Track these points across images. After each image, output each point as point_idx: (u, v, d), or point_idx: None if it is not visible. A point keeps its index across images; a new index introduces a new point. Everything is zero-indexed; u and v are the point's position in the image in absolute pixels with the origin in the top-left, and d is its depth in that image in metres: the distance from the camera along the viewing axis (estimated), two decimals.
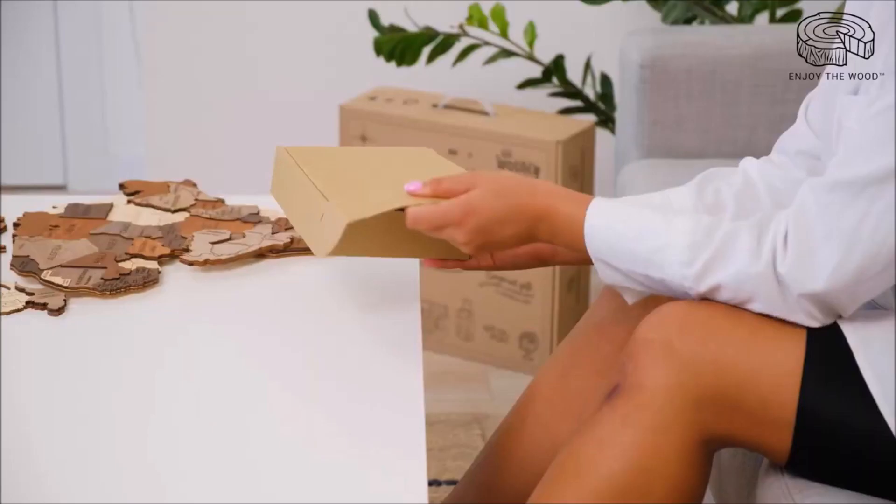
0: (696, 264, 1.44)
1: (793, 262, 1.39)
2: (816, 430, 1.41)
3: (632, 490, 1.41)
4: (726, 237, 1.43)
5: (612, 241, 1.49)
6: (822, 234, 1.38)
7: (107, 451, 1.38)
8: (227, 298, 1.68)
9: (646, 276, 1.47)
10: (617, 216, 1.50)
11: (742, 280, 1.42)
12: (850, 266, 1.37)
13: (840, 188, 1.38)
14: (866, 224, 1.37)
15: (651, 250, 1.46)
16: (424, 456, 1.36)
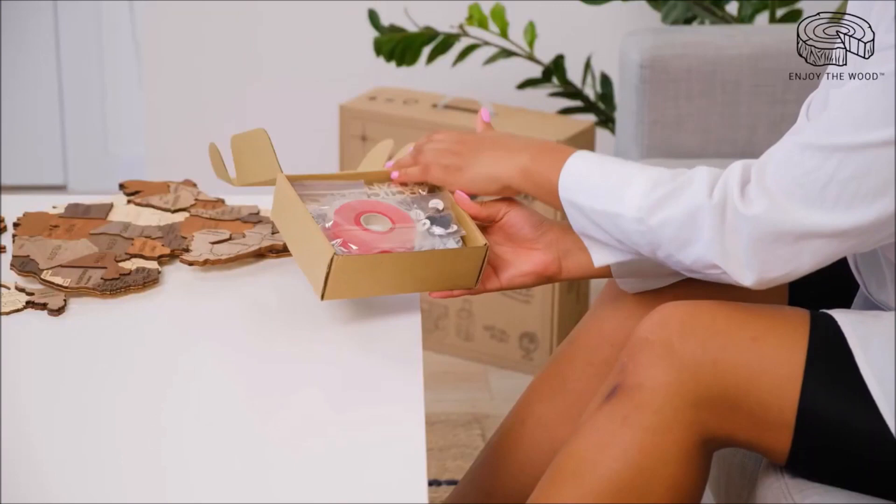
0: (654, 195, 1.46)
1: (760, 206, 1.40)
2: (816, 432, 1.41)
3: (631, 490, 1.41)
4: (688, 177, 1.46)
5: (583, 175, 1.53)
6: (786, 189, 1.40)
7: (107, 450, 1.38)
8: (227, 298, 1.68)
9: (604, 212, 1.49)
10: (598, 157, 1.55)
11: (689, 213, 1.44)
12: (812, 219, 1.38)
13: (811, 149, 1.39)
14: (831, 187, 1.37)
15: (615, 184, 1.49)
16: (424, 456, 1.36)
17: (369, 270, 1.56)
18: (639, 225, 1.47)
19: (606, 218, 1.49)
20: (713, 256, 1.43)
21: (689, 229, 1.44)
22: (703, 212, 1.43)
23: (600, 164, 1.54)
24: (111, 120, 3.53)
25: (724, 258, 1.43)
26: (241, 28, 3.16)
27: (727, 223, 1.42)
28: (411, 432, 1.40)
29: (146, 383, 1.49)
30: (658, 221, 1.45)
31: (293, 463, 1.35)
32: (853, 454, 1.41)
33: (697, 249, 1.44)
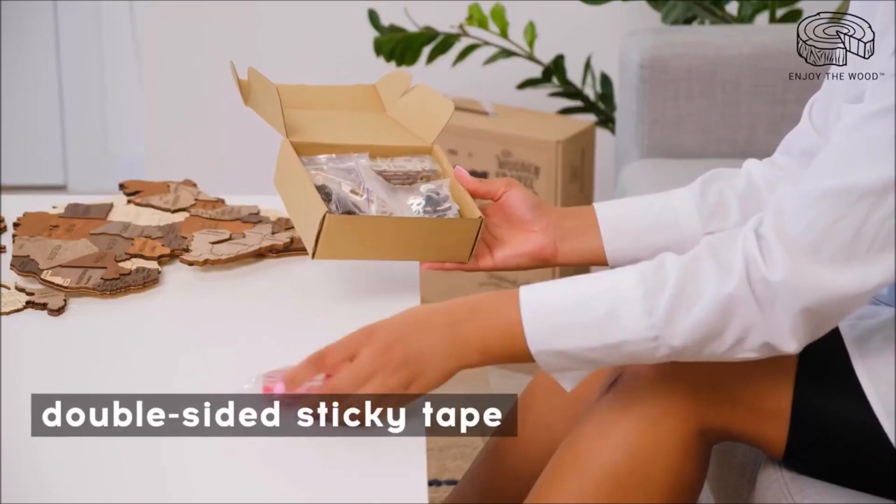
0: (659, 309, 1.34)
1: (785, 273, 1.31)
2: (811, 425, 1.41)
3: (630, 480, 1.41)
4: (681, 271, 1.34)
5: (555, 317, 1.36)
6: (812, 245, 1.31)
7: (107, 450, 1.38)
8: (227, 298, 1.68)
9: (603, 346, 1.35)
10: (553, 288, 1.38)
11: (716, 305, 1.32)
12: (846, 277, 1.31)
13: (832, 196, 1.31)
14: (865, 234, 1.31)
15: (604, 314, 1.35)
16: (424, 456, 1.36)
17: (361, 232, 1.57)
18: (655, 342, 1.34)
19: (607, 350, 1.36)
20: (756, 336, 1.33)
21: (721, 321, 1.33)
22: (733, 297, 1.32)
23: (560, 296, 1.37)
24: (111, 120, 3.53)
25: (768, 333, 1.33)
26: (241, 28, 3.16)
27: (760, 297, 1.32)
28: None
29: (146, 383, 1.48)
30: (681, 330, 1.34)
31: (293, 463, 1.35)
32: (849, 450, 1.41)
33: (733, 336, 1.34)
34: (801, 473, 1.46)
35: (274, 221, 1.84)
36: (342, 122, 1.75)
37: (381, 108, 1.80)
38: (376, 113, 1.79)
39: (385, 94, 1.80)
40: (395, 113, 1.77)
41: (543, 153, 2.64)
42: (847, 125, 1.34)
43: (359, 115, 1.78)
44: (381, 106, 1.80)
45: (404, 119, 1.76)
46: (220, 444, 1.38)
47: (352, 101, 1.80)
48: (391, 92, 1.79)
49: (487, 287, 2.75)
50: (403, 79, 1.78)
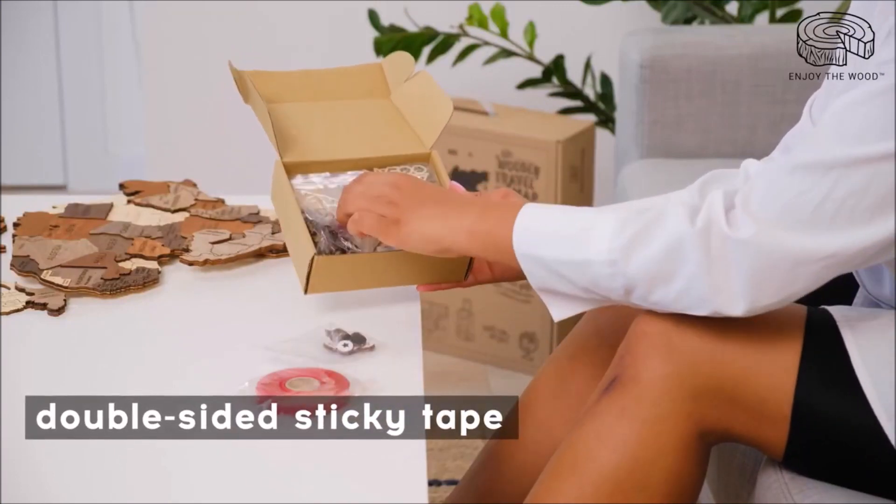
0: (624, 235, 1.38)
1: (742, 234, 1.34)
2: (812, 426, 1.41)
3: (630, 482, 1.41)
4: (657, 211, 1.39)
5: (539, 226, 1.44)
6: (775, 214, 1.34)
7: (106, 451, 1.38)
8: (227, 298, 1.68)
9: (571, 261, 1.41)
10: (551, 207, 1.46)
11: (670, 245, 1.36)
12: (802, 241, 1.34)
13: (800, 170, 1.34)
14: (827, 208, 1.33)
15: (578, 230, 1.41)
16: (424, 456, 1.36)
17: (351, 269, 1.57)
18: (611, 268, 1.39)
19: (573, 267, 1.42)
20: (700, 289, 1.36)
21: (670, 262, 1.37)
22: (686, 241, 1.36)
23: (555, 212, 1.45)
24: (111, 120, 3.53)
25: (713, 289, 1.37)
26: (241, 28, 3.16)
27: (713, 251, 1.35)
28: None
29: (146, 383, 1.48)
30: (635, 261, 1.38)
31: (293, 463, 1.35)
32: (849, 451, 1.41)
33: (680, 284, 1.37)
34: (800, 474, 1.46)
35: (274, 221, 1.84)
36: (342, 123, 1.74)
37: (386, 92, 1.79)
38: (380, 100, 1.78)
39: (390, 75, 1.79)
40: (398, 100, 1.77)
41: (543, 153, 2.64)
42: (832, 109, 1.36)
43: (361, 106, 1.77)
44: (385, 89, 1.79)
45: (407, 111, 1.75)
46: (219, 444, 1.38)
47: (355, 88, 1.79)
48: (396, 74, 1.78)
49: (487, 287, 2.75)
50: (407, 62, 1.77)
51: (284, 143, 1.67)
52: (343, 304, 1.66)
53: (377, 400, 1.46)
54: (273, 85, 1.76)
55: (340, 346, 1.54)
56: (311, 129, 1.71)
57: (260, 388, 1.45)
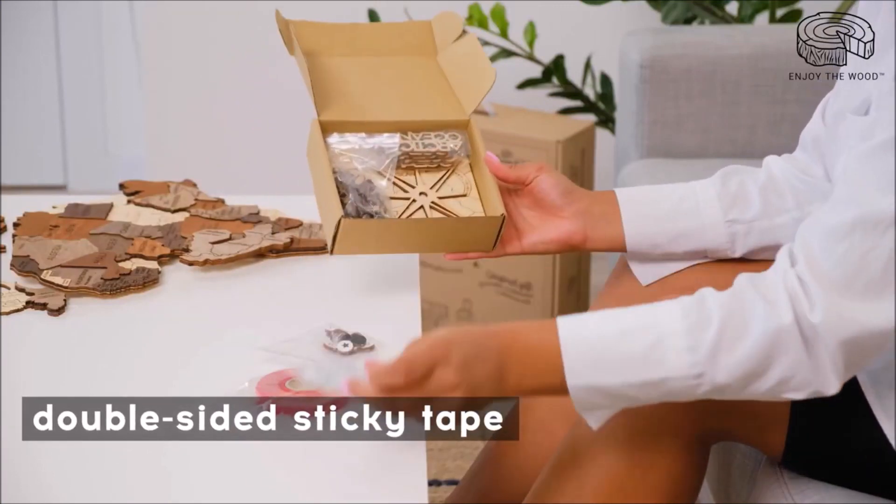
0: (704, 345, 1.30)
1: (824, 310, 1.28)
2: (811, 427, 1.41)
3: (630, 483, 1.41)
4: (724, 306, 1.31)
5: (594, 351, 1.32)
6: (845, 279, 1.29)
7: (107, 450, 1.38)
8: (227, 298, 1.68)
9: (643, 383, 1.32)
10: (592, 321, 1.34)
11: (766, 340, 1.30)
12: (881, 310, 1.29)
13: (859, 228, 1.29)
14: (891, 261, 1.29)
15: (646, 349, 1.31)
16: (424, 456, 1.36)
17: (378, 233, 1.57)
18: (697, 379, 1.31)
19: (644, 388, 1.32)
20: (803, 375, 1.31)
21: (767, 359, 1.30)
22: (781, 338, 1.29)
23: (600, 329, 1.33)
24: (111, 120, 3.53)
25: (815, 372, 1.30)
26: (241, 28, 3.16)
27: (808, 341, 1.30)
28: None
29: (146, 383, 1.48)
30: (724, 366, 1.30)
31: (294, 463, 1.35)
32: (848, 451, 1.41)
33: (778, 375, 1.31)
34: (800, 474, 1.46)
35: (274, 221, 1.84)
36: (384, 81, 1.73)
37: (433, 51, 1.78)
38: (425, 59, 1.77)
39: (439, 34, 1.79)
40: (444, 61, 1.76)
41: (543, 153, 2.64)
42: (860, 153, 1.32)
43: (406, 63, 1.76)
44: (432, 47, 1.78)
45: (450, 73, 1.75)
46: (219, 444, 1.38)
47: (402, 45, 1.78)
48: (444, 33, 1.78)
49: (487, 287, 2.75)
50: (456, 21, 1.77)
51: (323, 101, 1.67)
52: (343, 304, 1.66)
53: (377, 400, 1.46)
54: (319, 36, 1.76)
55: (340, 346, 1.54)
56: (351, 86, 1.71)
57: (260, 389, 1.45)
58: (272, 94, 3.19)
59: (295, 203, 1.89)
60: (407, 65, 1.76)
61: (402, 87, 1.73)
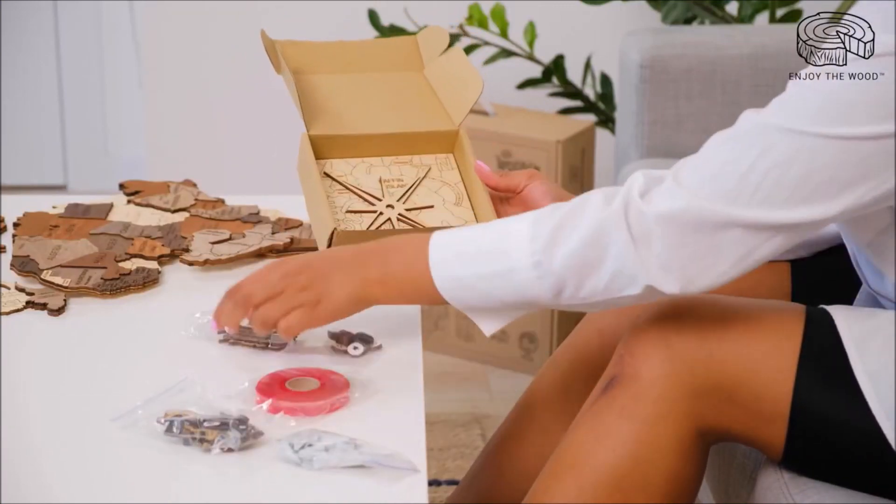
0: (543, 233, 1.38)
1: (664, 206, 1.34)
2: (810, 426, 1.41)
3: (629, 481, 1.41)
4: (571, 204, 1.39)
5: (451, 246, 1.42)
6: (699, 183, 1.34)
7: (107, 450, 1.38)
8: None
9: (493, 274, 1.39)
10: (459, 229, 1.44)
11: (594, 229, 1.35)
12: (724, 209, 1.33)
13: (731, 140, 1.35)
14: (750, 181, 1.33)
15: (494, 241, 1.40)
16: (424, 456, 1.36)
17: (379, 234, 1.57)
18: (537, 270, 1.38)
19: (496, 279, 1.40)
20: (630, 267, 1.35)
21: (595, 248, 1.36)
22: (607, 223, 1.35)
23: (465, 232, 1.43)
24: (111, 120, 3.53)
25: (643, 265, 1.35)
26: (241, 28, 3.16)
27: (634, 228, 1.35)
28: (411, 432, 1.40)
29: (146, 383, 1.48)
30: (559, 255, 1.37)
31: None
32: (848, 451, 1.41)
33: (609, 268, 1.36)
34: (800, 474, 1.46)
35: (274, 221, 1.84)
36: (372, 96, 1.74)
37: (420, 66, 1.79)
38: (412, 73, 1.78)
39: (425, 49, 1.80)
40: (431, 75, 1.77)
41: (543, 153, 2.64)
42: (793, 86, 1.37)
43: (393, 79, 1.77)
44: (419, 62, 1.79)
45: (438, 85, 1.76)
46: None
47: (389, 61, 1.79)
48: (430, 48, 1.79)
49: None
50: (441, 36, 1.78)
51: (311, 116, 1.68)
52: None
53: (377, 400, 1.46)
54: (305, 55, 1.76)
55: (351, 349, 1.54)
56: (339, 101, 1.72)
57: (260, 388, 1.45)
58: (272, 94, 3.18)
59: (295, 203, 1.89)
60: (394, 80, 1.77)
61: (390, 100, 1.74)
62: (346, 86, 1.74)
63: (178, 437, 1.37)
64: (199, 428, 1.37)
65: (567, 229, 1.37)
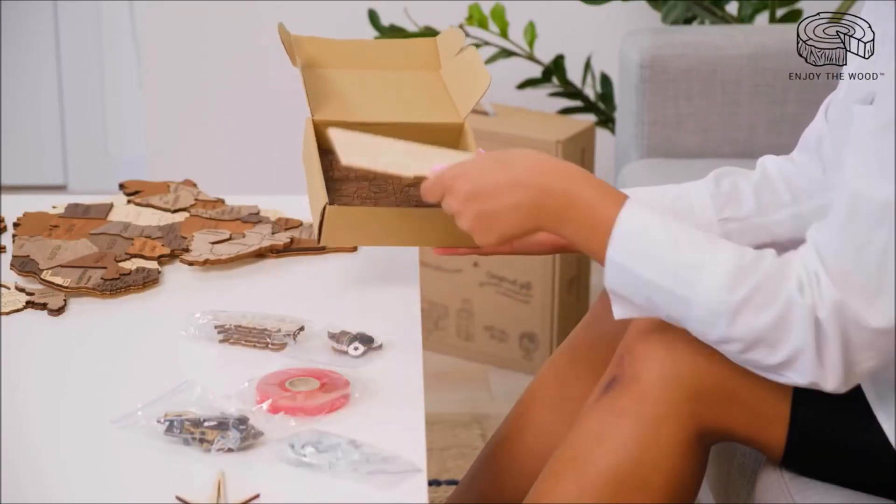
0: (737, 294, 1.31)
1: (829, 303, 1.29)
2: (810, 427, 1.41)
3: (629, 481, 1.41)
4: (777, 270, 1.32)
5: (644, 244, 1.35)
6: (844, 274, 1.29)
7: (107, 450, 1.38)
8: (227, 298, 1.68)
9: (670, 293, 1.35)
10: (655, 218, 1.37)
11: (787, 316, 1.30)
12: (880, 305, 1.28)
13: (854, 220, 1.29)
14: (889, 255, 1.28)
15: (687, 265, 1.34)
16: (424, 456, 1.36)
17: (365, 222, 1.57)
18: (714, 318, 1.33)
19: (669, 297, 1.35)
20: (805, 362, 1.31)
21: (779, 331, 1.31)
22: (798, 315, 1.30)
23: (660, 229, 1.36)
24: (111, 120, 3.53)
25: (818, 364, 1.31)
26: (241, 28, 3.16)
27: (821, 329, 1.30)
28: (411, 432, 1.40)
29: (146, 383, 1.48)
30: (742, 324, 1.32)
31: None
32: (847, 451, 1.41)
33: (785, 354, 1.32)
34: (800, 474, 1.46)
35: (274, 221, 1.84)
36: (383, 89, 1.75)
37: (437, 66, 1.81)
38: (429, 72, 1.80)
39: (443, 50, 1.82)
40: (446, 73, 1.79)
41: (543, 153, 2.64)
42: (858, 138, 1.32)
43: (409, 77, 1.78)
44: (436, 63, 1.81)
45: (451, 83, 1.77)
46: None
47: (407, 60, 1.81)
48: (448, 49, 1.81)
49: (487, 287, 2.75)
50: (458, 36, 1.80)
51: (318, 103, 1.68)
52: (343, 304, 1.66)
53: (377, 400, 1.46)
54: (322, 51, 1.78)
55: (352, 349, 1.54)
56: (348, 91, 1.73)
57: (260, 388, 1.45)
58: (272, 94, 3.19)
59: (295, 203, 1.89)
60: (408, 77, 1.78)
61: (399, 93, 1.74)
62: (358, 79, 1.75)
63: (178, 437, 1.37)
64: (199, 428, 1.37)
65: (764, 300, 1.31)
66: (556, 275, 2.69)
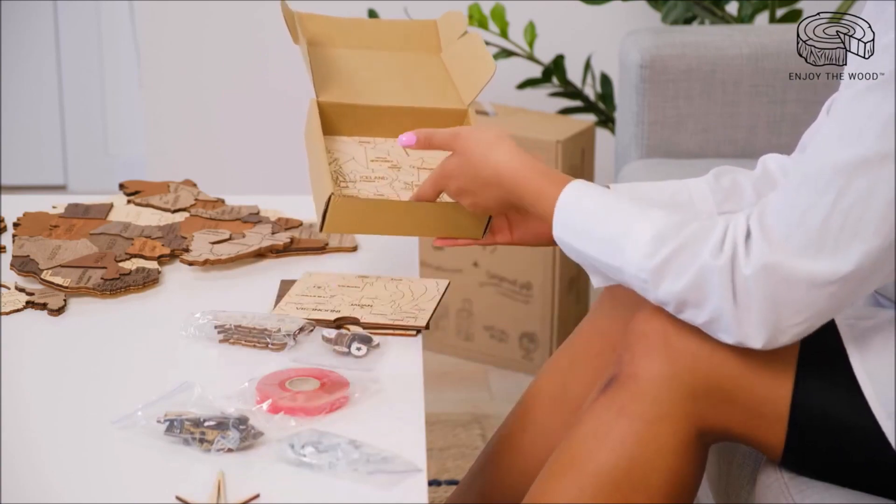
0: (657, 257, 1.37)
1: (758, 262, 1.32)
2: (810, 427, 1.41)
3: (628, 480, 1.41)
4: (693, 234, 1.37)
5: (577, 217, 1.44)
6: (784, 236, 1.32)
7: (107, 450, 1.38)
8: (227, 298, 1.68)
9: (606, 264, 1.42)
10: (591, 194, 1.45)
11: (699, 279, 1.35)
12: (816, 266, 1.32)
13: (804, 185, 1.32)
14: (833, 224, 1.31)
15: (613, 234, 1.41)
16: (424, 456, 1.36)
17: (369, 212, 1.58)
18: (642, 284, 1.40)
19: (608, 268, 1.43)
20: (726, 320, 1.35)
21: (698, 293, 1.36)
22: (713, 275, 1.34)
23: (596, 201, 1.44)
24: (111, 120, 3.53)
25: (737, 321, 1.35)
26: (241, 28, 3.16)
27: (738, 289, 1.34)
28: (411, 432, 1.40)
29: (146, 383, 1.49)
30: (663, 288, 1.38)
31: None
32: (847, 450, 1.41)
33: (708, 313, 1.36)
34: (800, 474, 1.46)
35: (274, 221, 1.84)
36: (386, 71, 1.75)
37: (437, 48, 1.80)
38: (428, 55, 1.79)
39: (444, 32, 1.81)
40: (447, 57, 1.79)
41: (543, 153, 2.64)
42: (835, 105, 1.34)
43: (410, 58, 1.78)
44: (437, 45, 1.81)
45: (453, 68, 1.77)
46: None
47: (406, 41, 1.81)
48: (449, 31, 1.81)
49: (487, 287, 2.75)
50: (460, 20, 1.80)
51: (323, 84, 1.69)
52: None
53: (377, 400, 1.46)
54: (324, 29, 1.78)
55: (354, 349, 1.54)
56: (352, 73, 1.73)
57: (260, 388, 1.45)
58: (272, 94, 3.19)
59: (295, 203, 1.89)
60: (410, 59, 1.78)
61: (403, 76, 1.74)
62: (361, 60, 1.75)
63: (178, 437, 1.37)
64: (199, 428, 1.37)
65: (680, 265, 1.36)
66: (556, 275, 2.69)
